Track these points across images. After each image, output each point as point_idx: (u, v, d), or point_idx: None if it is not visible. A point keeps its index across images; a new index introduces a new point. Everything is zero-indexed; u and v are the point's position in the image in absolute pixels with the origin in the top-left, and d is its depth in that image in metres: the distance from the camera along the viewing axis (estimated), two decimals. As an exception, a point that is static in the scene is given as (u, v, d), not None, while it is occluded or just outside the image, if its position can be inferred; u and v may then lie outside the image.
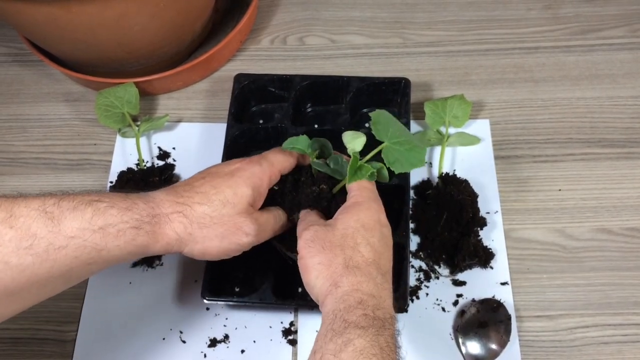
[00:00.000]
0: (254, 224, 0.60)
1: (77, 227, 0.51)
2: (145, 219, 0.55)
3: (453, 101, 0.80)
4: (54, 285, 0.52)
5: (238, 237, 0.60)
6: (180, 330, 0.71)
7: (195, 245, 0.58)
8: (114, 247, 0.53)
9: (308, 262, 0.57)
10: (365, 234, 0.58)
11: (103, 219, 0.52)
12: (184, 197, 0.59)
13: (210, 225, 0.58)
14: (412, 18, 0.95)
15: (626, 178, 0.79)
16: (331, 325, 0.52)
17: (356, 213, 0.59)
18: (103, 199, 0.54)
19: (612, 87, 0.86)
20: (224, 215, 0.59)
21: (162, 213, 0.57)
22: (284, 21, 0.96)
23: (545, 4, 0.96)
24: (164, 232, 0.57)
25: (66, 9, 0.70)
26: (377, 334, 0.51)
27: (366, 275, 0.55)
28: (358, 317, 0.51)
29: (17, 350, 0.71)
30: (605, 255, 0.74)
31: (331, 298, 0.54)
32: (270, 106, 0.85)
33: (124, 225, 0.54)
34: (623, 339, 0.69)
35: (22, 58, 0.94)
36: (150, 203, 0.57)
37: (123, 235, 0.53)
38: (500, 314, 0.68)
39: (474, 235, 0.73)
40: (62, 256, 0.50)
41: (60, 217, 0.51)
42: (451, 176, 0.77)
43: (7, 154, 0.85)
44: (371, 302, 0.53)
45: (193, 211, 0.58)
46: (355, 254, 0.56)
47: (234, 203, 0.59)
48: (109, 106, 0.82)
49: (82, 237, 0.51)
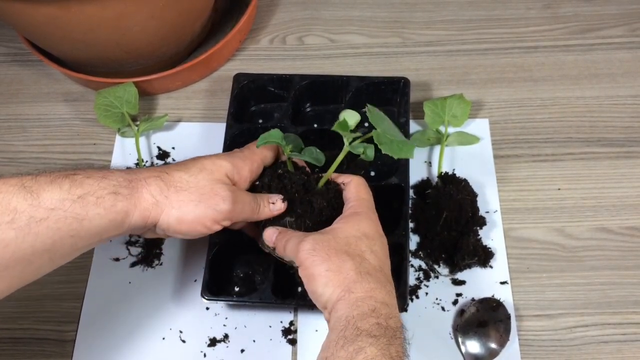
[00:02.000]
0: (231, 192, 0.59)
1: (56, 199, 0.51)
2: (123, 183, 0.55)
3: (452, 100, 0.80)
4: (39, 263, 0.52)
5: (214, 201, 0.58)
6: (179, 330, 0.71)
7: (171, 211, 0.57)
8: (95, 215, 0.53)
9: (314, 271, 0.56)
10: (368, 242, 0.58)
11: (81, 188, 0.53)
12: (162, 167, 0.60)
13: (187, 189, 0.58)
14: (411, 17, 0.95)
15: (625, 177, 0.79)
16: (343, 332, 0.51)
17: (357, 223, 0.59)
18: (79, 172, 0.54)
19: (611, 87, 0.86)
20: (200, 180, 0.59)
21: (139, 178, 0.57)
22: (283, 21, 0.96)
23: (544, 3, 0.96)
24: (141, 195, 0.56)
25: (66, 9, 0.70)
26: (388, 343, 0.51)
27: (377, 281, 0.55)
28: (371, 326, 0.51)
29: (17, 350, 0.71)
30: (605, 254, 0.74)
31: (344, 303, 0.53)
32: (270, 106, 0.85)
33: (102, 191, 0.54)
34: (622, 338, 0.69)
35: (22, 58, 0.94)
36: (126, 172, 0.57)
37: (102, 201, 0.53)
38: (500, 313, 0.68)
39: (474, 234, 0.73)
40: (44, 228, 0.50)
41: (39, 190, 0.51)
42: (450, 175, 0.77)
43: (6, 153, 0.85)
44: (384, 310, 0.53)
45: (170, 176, 0.58)
46: (363, 261, 0.56)
47: (211, 170, 0.60)
48: (108, 106, 0.82)
49: (62, 207, 0.51)
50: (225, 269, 0.73)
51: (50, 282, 0.74)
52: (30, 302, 0.73)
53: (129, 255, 0.75)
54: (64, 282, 0.74)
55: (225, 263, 0.72)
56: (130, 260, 0.75)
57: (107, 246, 0.76)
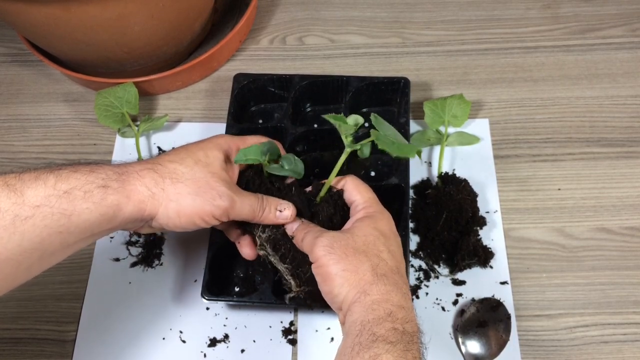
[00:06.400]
0: (229, 189, 0.58)
1: (42, 195, 0.49)
2: (112, 176, 0.53)
3: (452, 101, 0.80)
4: (29, 262, 0.50)
5: (212, 196, 0.56)
6: (180, 330, 0.71)
7: (169, 204, 0.55)
8: (83, 210, 0.51)
9: (330, 270, 0.55)
10: (386, 241, 0.57)
11: (67, 183, 0.51)
12: (153, 159, 0.58)
13: (183, 181, 0.56)
14: (411, 18, 0.95)
15: (625, 177, 0.79)
16: (358, 338, 0.50)
17: (373, 222, 0.58)
18: (65, 167, 0.52)
19: (611, 87, 0.87)
20: (196, 172, 0.57)
21: (129, 170, 0.55)
22: (283, 21, 0.96)
23: (544, 3, 0.96)
24: (135, 188, 0.54)
25: (66, 9, 0.70)
26: (405, 349, 0.50)
27: (393, 284, 0.54)
28: (387, 331, 0.50)
29: (17, 350, 0.71)
30: (605, 254, 0.74)
31: (359, 306, 0.52)
32: (270, 106, 0.85)
33: (90, 185, 0.52)
34: (623, 338, 0.69)
35: (22, 58, 0.94)
36: (116, 165, 0.56)
37: (91, 196, 0.51)
38: (500, 313, 0.68)
39: (474, 234, 0.73)
40: (31, 226, 0.49)
41: (23, 188, 0.49)
42: (450, 176, 0.77)
43: (6, 154, 0.85)
44: (400, 314, 0.52)
45: (164, 167, 0.56)
46: (380, 262, 0.55)
47: (206, 162, 0.58)
48: (108, 106, 0.82)
49: (48, 204, 0.49)
50: (226, 269, 0.73)
51: (50, 282, 0.74)
52: (30, 302, 0.73)
53: (129, 256, 0.75)
54: (64, 282, 0.74)
55: (225, 263, 0.72)
56: (131, 260, 0.75)
57: (107, 246, 0.76)
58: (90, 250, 0.76)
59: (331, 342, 0.69)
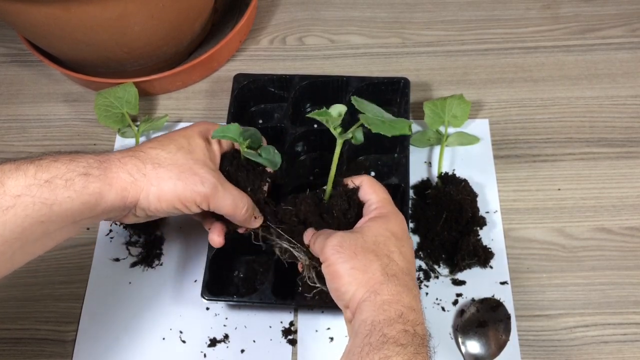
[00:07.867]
0: (212, 176, 0.57)
1: (22, 185, 0.49)
2: (93, 164, 0.53)
3: (452, 101, 0.80)
4: (11, 252, 0.50)
5: (194, 182, 0.56)
6: (180, 330, 0.71)
7: (150, 188, 0.55)
8: (64, 198, 0.51)
9: (339, 268, 0.54)
10: (397, 242, 0.57)
11: (48, 172, 0.51)
12: (135, 147, 0.58)
13: (165, 166, 0.56)
14: (411, 18, 0.95)
15: (625, 177, 0.79)
16: (368, 339, 0.50)
17: (385, 222, 0.58)
18: (45, 157, 0.52)
19: (611, 87, 0.87)
20: (179, 158, 0.57)
21: (111, 158, 0.55)
22: (283, 21, 0.96)
23: (544, 3, 0.96)
24: (117, 175, 0.54)
25: (66, 9, 0.70)
26: (415, 352, 0.49)
27: (404, 285, 0.54)
28: (398, 333, 0.50)
29: (17, 350, 0.71)
30: (605, 254, 0.74)
31: (369, 305, 0.52)
32: (270, 106, 0.85)
33: (71, 174, 0.51)
34: (623, 338, 0.69)
35: (22, 58, 0.94)
36: (97, 153, 0.55)
37: (72, 184, 0.51)
38: (500, 313, 0.68)
39: (474, 234, 0.73)
40: (12, 216, 0.48)
41: (3, 178, 0.49)
42: (450, 176, 0.77)
43: (6, 154, 0.85)
44: (411, 316, 0.52)
45: (145, 154, 0.56)
46: (391, 262, 0.55)
47: (189, 149, 0.58)
48: (108, 106, 0.82)
49: (29, 193, 0.49)
50: (226, 269, 0.73)
51: (50, 282, 0.74)
52: (30, 303, 0.73)
53: (129, 256, 0.75)
54: (64, 282, 0.74)
55: (225, 263, 0.72)
56: (130, 260, 0.75)
57: (107, 246, 0.76)
58: (90, 250, 0.76)
59: (331, 342, 0.69)
